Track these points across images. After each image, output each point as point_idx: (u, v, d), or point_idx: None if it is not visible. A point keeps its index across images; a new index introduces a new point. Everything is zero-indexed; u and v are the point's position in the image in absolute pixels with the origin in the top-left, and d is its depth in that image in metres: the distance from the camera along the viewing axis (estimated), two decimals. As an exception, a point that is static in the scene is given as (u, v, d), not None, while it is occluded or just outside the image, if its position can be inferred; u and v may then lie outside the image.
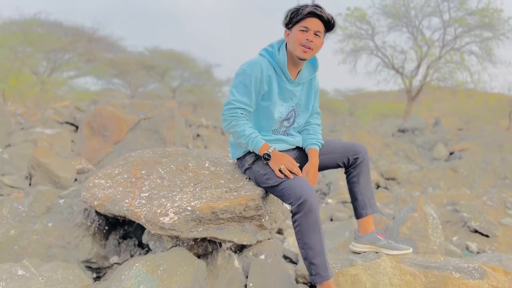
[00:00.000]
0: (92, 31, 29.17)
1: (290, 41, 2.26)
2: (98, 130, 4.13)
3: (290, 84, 2.32)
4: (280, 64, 2.27)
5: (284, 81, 2.30)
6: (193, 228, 2.21)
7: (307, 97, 2.46)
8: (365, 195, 2.45)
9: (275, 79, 2.27)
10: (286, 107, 2.37)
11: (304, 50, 2.20)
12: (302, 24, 2.19)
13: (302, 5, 2.25)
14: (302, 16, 2.19)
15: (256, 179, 2.33)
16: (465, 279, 2.36)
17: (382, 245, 2.44)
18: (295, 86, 2.36)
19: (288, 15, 2.25)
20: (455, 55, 26.27)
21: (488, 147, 11.51)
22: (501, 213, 4.18)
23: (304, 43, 2.19)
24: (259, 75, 2.21)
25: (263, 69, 2.22)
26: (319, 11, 2.19)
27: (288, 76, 2.29)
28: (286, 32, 2.30)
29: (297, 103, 2.42)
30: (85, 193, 2.45)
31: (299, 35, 2.20)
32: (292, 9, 2.25)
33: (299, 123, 2.47)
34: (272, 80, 2.26)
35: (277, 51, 2.31)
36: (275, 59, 2.28)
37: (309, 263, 2.10)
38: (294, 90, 2.35)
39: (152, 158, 2.61)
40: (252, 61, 2.27)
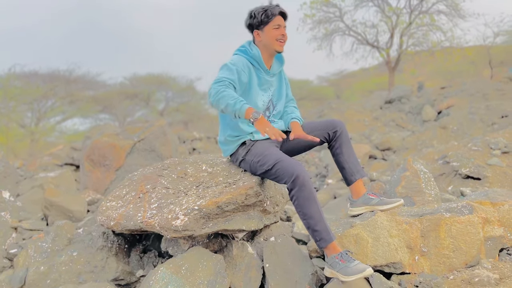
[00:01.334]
0: (69, 73, 29.37)
1: (264, 39, 2.58)
2: (99, 161, 4.35)
3: (267, 74, 2.64)
4: (255, 57, 2.58)
5: (262, 72, 2.61)
6: (204, 225, 2.43)
7: (279, 87, 2.77)
8: (351, 163, 2.69)
9: (253, 71, 2.57)
10: (266, 96, 2.67)
11: (280, 44, 2.58)
12: (274, 23, 2.55)
13: (266, 6, 2.58)
14: (273, 16, 2.53)
15: (251, 168, 2.57)
16: (456, 217, 2.60)
17: (375, 203, 2.67)
18: (271, 77, 2.68)
19: (257, 17, 2.57)
20: (424, 18, 26.57)
21: (473, 98, 11.79)
22: (486, 155, 4.42)
23: (280, 38, 2.56)
24: (240, 65, 2.49)
25: (243, 62, 2.53)
26: (284, 10, 2.57)
27: (264, 67, 2.60)
28: (255, 33, 2.62)
29: (273, 93, 2.73)
30: (100, 217, 2.67)
31: (273, 32, 2.56)
32: (259, 11, 2.57)
33: (277, 110, 2.76)
34: (252, 71, 2.56)
35: (249, 48, 2.61)
36: (250, 54, 2.59)
37: (312, 231, 2.34)
38: (271, 80, 2.68)
39: (153, 173, 2.84)
40: (231, 58, 2.57)
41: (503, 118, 8.88)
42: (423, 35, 26.89)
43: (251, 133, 2.61)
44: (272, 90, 2.72)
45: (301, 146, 2.78)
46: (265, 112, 2.71)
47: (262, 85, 2.63)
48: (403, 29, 26.53)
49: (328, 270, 2.36)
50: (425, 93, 15.82)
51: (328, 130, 2.68)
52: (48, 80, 28.25)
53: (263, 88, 2.64)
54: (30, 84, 27.10)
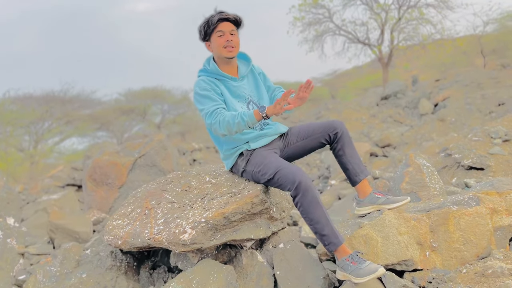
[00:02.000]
0: (63, 93, 29.36)
1: (214, 49, 2.57)
2: (101, 180, 4.35)
3: (234, 81, 2.61)
4: (214, 71, 2.57)
5: (228, 81, 2.59)
6: (212, 236, 2.42)
7: (256, 86, 2.73)
8: (354, 163, 2.68)
9: (221, 84, 2.56)
10: (242, 102, 2.62)
11: (229, 50, 2.53)
12: (217, 30, 2.51)
13: (208, 16, 2.55)
14: (214, 25, 2.50)
15: (253, 178, 2.56)
16: (464, 209, 2.59)
17: (382, 202, 2.66)
18: (240, 82, 2.64)
19: (201, 30, 2.57)
20: (413, 12, 26.67)
21: (468, 88, 11.82)
22: (488, 145, 4.42)
23: (226, 44, 2.51)
24: (208, 86, 2.50)
25: (207, 81, 2.53)
26: (225, 15, 2.51)
27: (228, 76, 2.58)
28: (207, 45, 2.62)
29: (250, 95, 2.68)
30: (107, 236, 2.65)
31: (219, 40, 2.52)
32: (202, 24, 2.56)
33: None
34: (218, 85, 2.55)
35: (207, 66, 2.61)
36: (209, 70, 2.59)
37: (320, 236, 2.32)
38: (240, 85, 2.64)
39: (157, 188, 2.83)
40: (195, 83, 2.59)
41: (499, 106, 8.90)
42: (413, 29, 26.97)
43: (247, 143, 2.59)
44: (248, 93, 2.67)
45: (301, 150, 2.77)
46: None
47: (233, 93, 2.61)
48: (393, 24, 26.61)
49: (340, 273, 2.35)
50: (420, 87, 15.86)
51: (329, 132, 2.67)
52: (43, 102, 28.25)
53: (236, 96, 2.62)
54: (26, 107, 27.11)
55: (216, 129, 2.39)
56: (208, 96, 2.48)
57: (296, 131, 2.73)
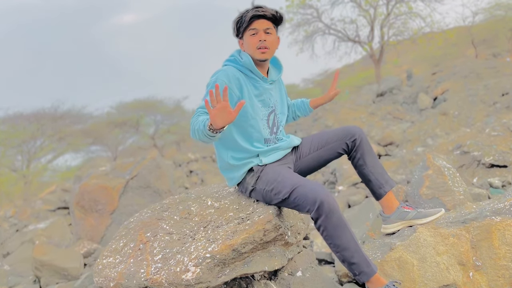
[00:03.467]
0: (54, 110, 29.01)
1: (246, 49, 2.22)
2: (90, 207, 3.96)
3: (264, 82, 2.25)
4: (247, 65, 2.20)
5: (258, 81, 2.22)
6: (220, 273, 2.05)
7: (281, 97, 2.40)
8: (377, 174, 2.33)
9: (247, 81, 2.19)
10: (266, 109, 2.27)
11: (262, 52, 2.18)
12: (251, 28, 2.17)
13: (243, 11, 2.21)
14: (247, 23, 2.15)
15: (264, 198, 2.20)
16: (508, 219, 2.24)
17: (412, 217, 2.31)
18: (270, 84, 2.30)
19: (234, 26, 2.24)
20: (402, 7, 26.56)
21: (467, 80, 11.54)
22: (509, 139, 4.10)
23: (259, 45, 2.16)
24: (225, 80, 2.10)
25: (229, 74, 2.13)
26: (261, 11, 2.16)
27: (260, 75, 2.22)
28: (240, 42, 2.27)
29: (274, 104, 2.33)
30: (97, 278, 2.28)
31: (251, 39, 2.17)
32: (236, 19, 2.22)
33: (282, 123, 2.39)
34: (243, 82, 2.16)
35: (238, 57, 2.23)
36: (240, 63, 2.21)
37: (349, 264, 1.97)
38: (270, 88, 2.29)
39: (152, 217, 2.46)
40: (217, 71, 2.19)
41: (503, 96, 8.60)
42: (402, 24, 26.85)
43: (257, 157, 2.23)
44: (273, 101, 2.31)
45: (315, 163, 2.42)
46: (272, 129, 2.29)
47: (260, 95, 2.23)
48: (382, 20, 26.47)
49: (377, 308, 1.98)
50: (416, 81, 15.59)
51: (346, 140, 2.32)
52: (34, 120, 27.90)
53: (261, 99, 2.24)
54: (16, 126, 26.74)
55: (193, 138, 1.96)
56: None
57: (309, 141, 2.38)
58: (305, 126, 13.93)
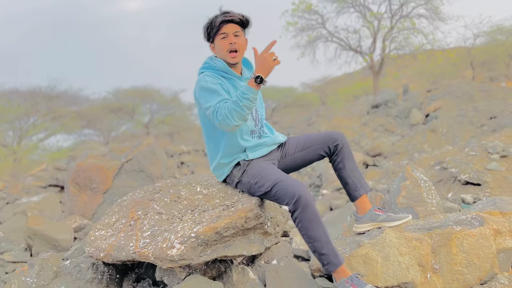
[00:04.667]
0: (50, 89, 28.84)
1: (218, 52, 2.40)
2: (85, 185, 4.14)
3: (240, 80, 2.43)
4: (221, 68, 2.38)
5: (235, 80, 2.41)
6: (202, 252, 2.26)
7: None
8: (354, 177, 2.54)
9: (226, 82, 2.37)
10: None
11: (232, 56, 2.36)
12: (221, 32, 2.34)
13: (212, 17, 2.37)
14: (217, 27, 2.33)
15: (249, 190, 2.40)
16: (467, 230, 2.47)
17: (382, 219, 2.53)
18: (245, 81, 2.45)
19: (205, 31, 2.40)
20: (405, 22, 26.88)
21: (460, 100, 11.83)
22: (485, 160, 4.33)
23: (230, 48, 2.34)
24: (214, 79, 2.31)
25: (212, 77, 2.32)
26: (229, 16, 2.33)
27: (235, 74, 2.41)
28: (211, 46, 2.44)
29: None
30: (89, 248, 2.47)
31: (222, 42, 2.35)
32: (206, 24, 2.39)
33: (262, 117, 2.57)
34: (225, 83, 2.36)
35: (212, 63, 2.41)
36: (215, 67, 2.39)
37: (319, 255, 2.18)
38: None
39: (144, 197, 2.65)
40: (199, 78, 2.37)
41: (491, 119, 8.89)
42: (404, 38, 27.18)
43: (244, 152, 2.43)
44: None
45: (298, 162, 2.63)
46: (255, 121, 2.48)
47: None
48: (385, 33, 26.78)
49: (339, 296, 2.20)
50: (411, 97, 15.88)
51: (329, 144, 2.53)
52: (29, 97, 27.70)
53: None
54: (11, 102, 26.57)
55: (228, 123, 2.14)
56: (216, 91, 2.25)
57: (295, 142, 2.59)
58: (298, 130, 14.17)
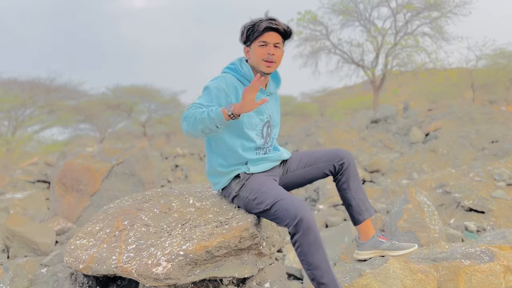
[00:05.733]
0: (49, 81, 28.63)
1: (251, 57, 2.22)
2: (72, 186, 3.93)
3: (262, 93, 2.25)
4: (246, 76, 2.21)
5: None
6: (190, 272, 2.07)
7: (276, 110, 2.41)
8: (359, 200, 2.37)
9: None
10: (260, 119, 2.28)
11: (267, 65, 2.18)
12: (261, 39, 2.16)
13: (256, 20, 2.19)
14: (259, 33, 2.14)
15: (246, 206, 2.22)
16: (476, 265, 2.30)
17: (386, 247, 2.36)
18: (267, 96, 2.30)
19: (244, 33, 2.21)
20: (409, 39, 26.95)
21: (460, 121, 11.73)
22: (491, 187, 4.18)
23: (267, 58, 2.16)
24: (223, 86, 2.13)
25: (227, 81, 2.16)
26: (275, 24, 2.16)
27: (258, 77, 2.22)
28: (245, 49, 2.26)
29: (270, 116, 2.34)
30: (67, 257, 2.28)
31: (260, 50, 2.16)
32: (248, 25, 2.20)
33: (275, 136, 2.40)
34: (240, 91, 2.17)
35: (239, 66, 2.24)
36: (241, 73, 2.22)
37: (318, 283, 2.00)
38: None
39: (132, 206, 2.47)
40: (216, 77, 2.21)
41: (493, 143, 8.77)
42: (407, 55, 27.24)
43: (246, 164, 2.26)
44: (268, 113, 2.32)
45: (301, 179, 2.45)
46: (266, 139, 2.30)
47: None
48: (388, 49, 26.82)
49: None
50: (411, 114, 15.78)
51: (334, 162, 2.36)
52: (27, 88, 27.48)
53: (257, 110, 2.23)
54: (8, 92, 26.32)
55: (183, 125, 2.01)
56: (210, 93, 2.09)
57: (298, 157, 2.42)
58: (296, 140, 14.02)
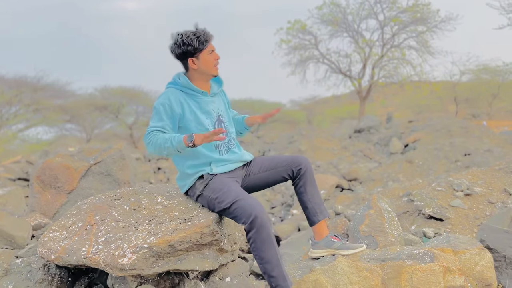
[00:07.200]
0: (37, 80, 28.51)
1: (201, 66, 2.46)
2: (50, 183, 4.08)
3: (205, 96, 2.52)
4: (186, 85, 2.48)
5: (198, 96, 2.50)
6: (153, 264, 2.25)
7: (225, 107, 2.67)
8: (314, 203, 2.58)
9: (189, 99, 2.47)
10: (210, 118, 2.52)
11: (217, 69, 2.51)
12: (209, 48, 2.45)
13: (196, 32, 2.43)
14: (207, 43, 2.43)
15: (209, 204, 2.42)
16: (418, 265, 2.52)
17: (337, 247, 2.57)
18: (211, 98, 2.56)
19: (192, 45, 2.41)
20: (396, 51, 27.50)
21: (438, 134, 12.10)
22: (450, 196, 4.43)
23: (216, 63, 2.49)
24: (167, 101, 2.41)
25: (170, 96, 2.44)
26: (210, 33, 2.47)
27: (199, 90, 2.49)
28: (190, 60, 2.46)
29: (219, 114, 2.59)
30: (40, 248, 2.44)
31: (210, 57, 2.46)
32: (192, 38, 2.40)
33: (231, 131, 2.62)
34: (183, 101, 2.45)
35: (178, 79, 2.51)
36: (180, 84, 2.49)
37: (268, 276, 2.20)
38: (211, 101, 2.56)
39: (104, 202, 2.65)
40: (161, 94, 2.50)
41: (466, 156, 9.11)
42: (393, 67, 27.78)
43: (209, 165, 2.46)
44: (217, 111, 2.58)
45: (262, 182, 2.66)
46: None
47: (202, 109, 2.50)
48: (375, 61, 27.32)
49: (284, 319, 2.22)
50: (393, 125, 16.15)
51: (292, 167, 2.58)
52: (14, 86, 27.32)
53: (205, 112, 2.51)
54: (-6, 89, 26.12)
55: (150, 150, 2.35)
56: (159, 112, 2.40)
57: (260, 162, 2.63)
58: (279, 147, 14.27)
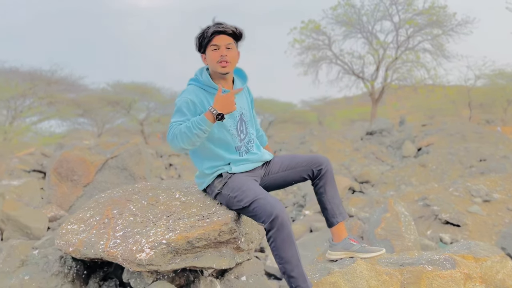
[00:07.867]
0: (51, 74, 28.75)
1: (208, 63, 2.40)
2: (66, 175, 4.10)
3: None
4: (206, 83, 2.39)
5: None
6: (171, 260, 2.24)
7: (248, 105, 2.57)
8: (334, 204, 2.54)
9: (208, 97, 2.37)
10: (233, 118, 2.43)
11: (222, 66, 2.35)
12: (212, 44, 2.34)
13: (204, 28, 2.37)
14: (208, 38, 2.33)
15: (227, 203, 2.40)
16: (438, 271, 2.47)
17: (356, 249, 2.53)
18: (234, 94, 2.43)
19: (197, 42, 2.39)
20: (410, 54, 27.21)
21: (452, 138, 11.95)
22: (467, 202, 4.36)
23: (220, 59, 2.33)
24: (189, 98, 2.33)
25: (191, 93, 2.36)
26: (221, 28, 2.33)
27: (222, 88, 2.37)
28: (202, 57, 2.43)
29: (241, 112, 2.50)
30: (58, 240, 2.44)
31: (213, 54, 2.34)
32: (198, 35, 2.38)
33: (251, 132, 2.55)
34: (203, 99, 2.36)
35: (200, 76, 2.43)
36: (201, 81, 2.41)
37: (288, 277, 2.17)
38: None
39: (122, 197, 2.64)
40: (182, 91, 2.42)
41: (481, 161, 8.98)
42: (407, 70, 27.48)
43: (228, 164, 2.43)
44: (239, 109, 2.48)
45: (281, 181, 2.62)
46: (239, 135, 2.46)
47: None
48: (389, 63, 27.07)
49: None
50: (406, 128, 16.00)
51: (313, 167, 2.54)
52: (28, 79, 27.57)
53: None
54: (9, 81, 26.40)
55: (176, 144, 2.21)
56: (180, 109, 2.32)
57: (280, 161, 2.60)
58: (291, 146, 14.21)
